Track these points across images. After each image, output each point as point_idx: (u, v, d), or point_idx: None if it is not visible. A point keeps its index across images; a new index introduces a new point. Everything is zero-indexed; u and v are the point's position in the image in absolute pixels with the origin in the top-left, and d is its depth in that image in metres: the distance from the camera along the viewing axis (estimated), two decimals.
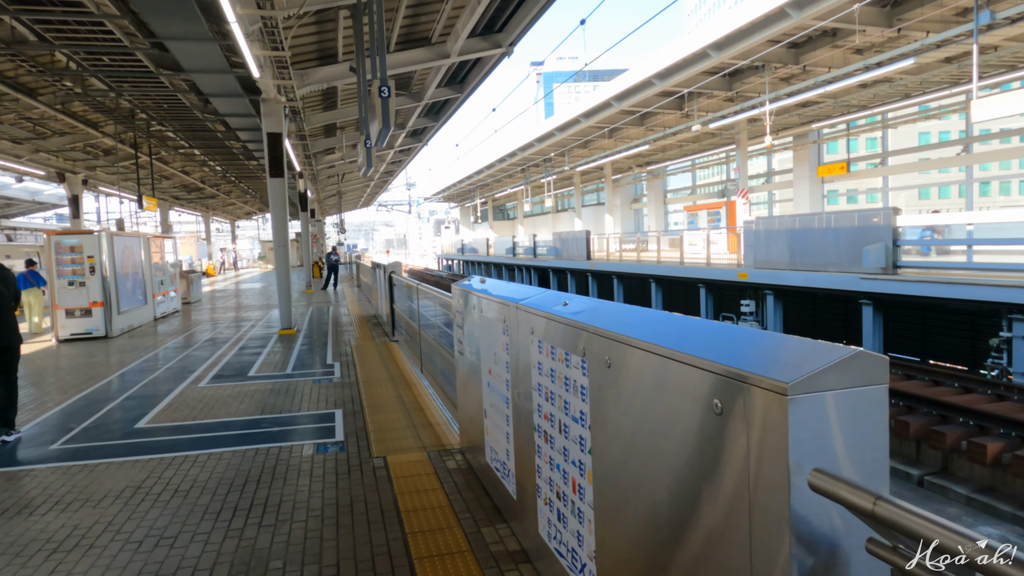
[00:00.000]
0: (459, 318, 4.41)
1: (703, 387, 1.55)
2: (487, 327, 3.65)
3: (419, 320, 7.02)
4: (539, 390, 2.74)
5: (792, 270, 14.27)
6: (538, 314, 2.71)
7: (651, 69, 17.72)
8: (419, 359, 7.20)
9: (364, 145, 8.06)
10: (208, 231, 43.61)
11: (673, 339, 1.77)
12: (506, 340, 3.25)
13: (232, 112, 12.00)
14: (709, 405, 1.51)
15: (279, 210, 11.39)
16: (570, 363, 2.36)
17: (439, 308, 5.91)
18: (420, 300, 6.99)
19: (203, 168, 22.72)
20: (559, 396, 2.50)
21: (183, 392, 6.95)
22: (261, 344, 10.36)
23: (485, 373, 3.75)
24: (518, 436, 3.12)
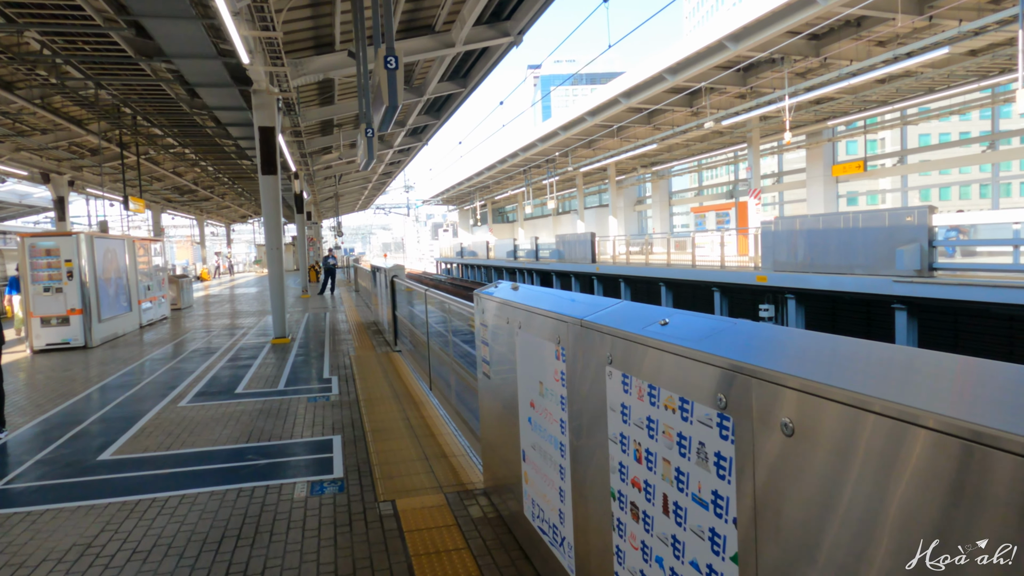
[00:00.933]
0: (484, 333, 3.61)
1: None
2: (529, 349, 2.84)
3: (428, 331, 6.21)
4: (622, 443, 1.94)
5: (815, 273, 13.51)
6: (622, 337, 1.91)
7: (663, 63, 16.96)
8: (427, 374, 6.39)
9: (365, 135, 7.25)
10: (202, 234, 42.74)
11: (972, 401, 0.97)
12: (560, 367, 2.44)
13: (221, 105, 11.19)
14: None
15: (272, 210, 10.58)
16: (691, 415, 1.56)
17: (454, 319, 5.11)
18: (429, 309, 6.17)
19: (195, 169, 21.91)
20: (664, 460, 1.70)
21: (160, 413, 6.12)
22: (252, 355, 9.54)
23: (525, 405, 2.95)
24: (581, 498, 2.32)
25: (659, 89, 18.28)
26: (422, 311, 6.71)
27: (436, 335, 6.06)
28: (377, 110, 6.10)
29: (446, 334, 5.67)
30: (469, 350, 4.50)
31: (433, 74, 14.06)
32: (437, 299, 5.53)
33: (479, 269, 45.04)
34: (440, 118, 18.52)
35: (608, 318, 2.10)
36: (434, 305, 5.82)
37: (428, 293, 6.06)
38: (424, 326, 6.49)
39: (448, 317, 5.13)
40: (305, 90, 13.70)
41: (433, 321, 6.21)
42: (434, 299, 5.69)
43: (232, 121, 12.33)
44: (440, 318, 5.84)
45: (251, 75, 9.48)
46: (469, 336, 4.35)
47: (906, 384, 1.08)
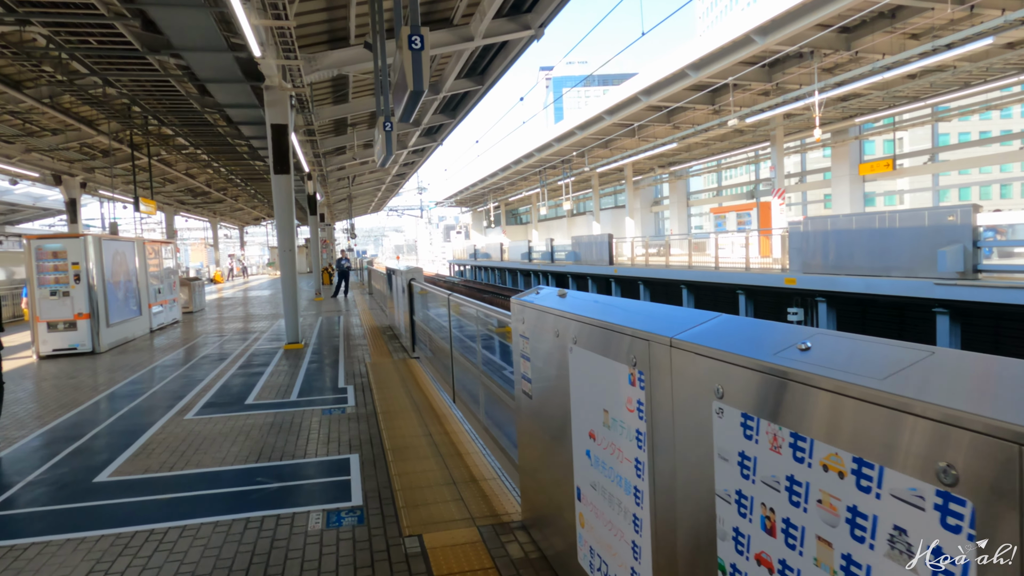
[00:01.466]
0: (524, 347, 3.16)
1: None
2: (588, 369, 2.38)
3: (451, 340, 5.76)
4: (739, 504, 1.48)
5: (848, 275, 12.94)
6: (741, 365, 1.45)
7: (685, 59, 16.45)
8: (451, 386, 5.94)
9: (383, 129, 6.82)
10: (216, 237, 42.65)
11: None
12: (637, 396, 1.98)
13: (233, 102, 10.83)
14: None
15: (285, 211, 10.19)
16: (878, 485, 1.09)
17: (484, 327, 4.66)
18: (454, 316, 5.72)
19: (207, 170, 21.65)
20: (819, 539, 1.23)
21: (165, 427, 5.72)
22: (264, 361, 9.14)
23: (581, 435, 2.49)
24: (667, 562, 1.85)
25: (680, 86, 17.76)
26: (444, 317, 6.26)
27: (461, 344, 5.61)
28: (399, 98, 5.65)
29: (473, 344, 5.22)
30: (502, 364, 4.05)
31: (450, 71, 13.64)
32: (464, 306, 5.08)
33: (493, 271, 44.62)
34: (456, 117, 18.11)
35: (711, 337, 1.63)
36: (460, 312, 5.37)
37: (452, 298, 5.61)
38: (447, 334, 6.04)
39: (476, 325, 4.68)
40: (319, 87, 13.33)
41: (457, 329, 5.77)
42: (460, 306, 5.24)
43: (244, 119, 11.98)
44: (465, 325, 5.39)
45: (263, 70, 9.09)
46: (503, 348, 3.90)
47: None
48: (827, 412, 1.20)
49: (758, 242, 20.89)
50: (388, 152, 7.03)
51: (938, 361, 1.11)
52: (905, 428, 1.03)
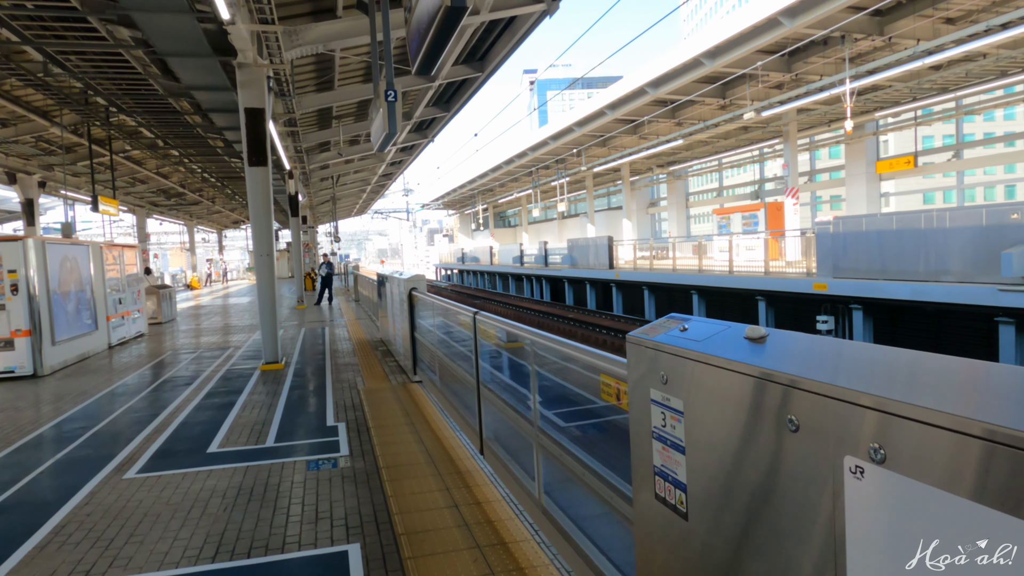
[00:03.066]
0: (664, 423, 1.80)
1: None
2: (920, 518, 1.01)
3: (478, 371, 4.37)
4: None
5: (888, 280, 11.74)
6: None
7: (699, 47, 15.22)
8: (476, 432, 4.54)
9: (385, 100, 5.39)
10: (192, 241, 40.80)
11: None
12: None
13: (200, 83, 9.35)
14: None
15: (261, 209, 8.74)
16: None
17: (537, 361, 3.27)
18: (482, 339, 4.33)
19: (180, 168, 20.04)
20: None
21: (95, 494, 4.27)
22: (236, 387, 7.68)
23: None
24: None
25: (692, 77, 16.55)
26: (465, 341, 4.87)
27: (493, 378, 4.23)
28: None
29: (520, 389, 3.86)
30: (584, 425, 2.70)
31: (449, 53, 12.26)
32: (501, 330, 3.69)
33: (482, 275, 43.25)
34: (450, 110, 16.72)
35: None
36: (494, 340, 3.98)
37: (481, 320, 4.23)
38: (467, 362, 4.66)
39: (531, 363, 3.28)
40: (301, 71, 11.88)
41: (489, 358, 4.38)
42: (498, 330, 3.85)
43: (215, 106, 10.49)
44: (503, 356, 4.02)
45: (234, 41, 7.65)
46: (586, 405, 2.56)
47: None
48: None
49: (767, 245, 19.72)
50: (391, 129, 5.59)
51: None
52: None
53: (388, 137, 5.81)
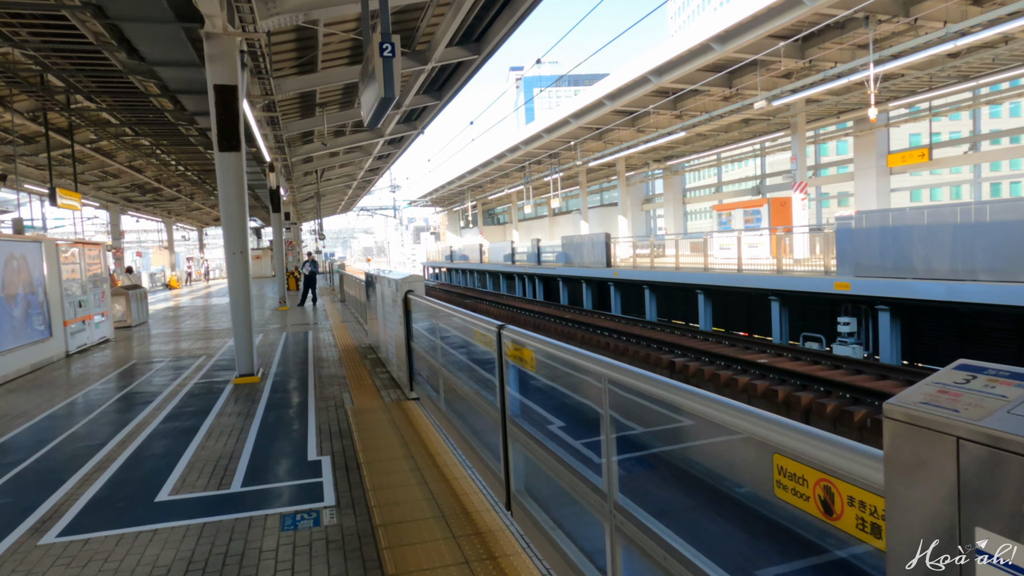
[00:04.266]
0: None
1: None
2: None
3: (504, 404, 3.35)
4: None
5: (920, 279, 10.87)
6: None
7: (709, 31, 14.27)
8: (503, 485, 3.51)
9: (380, 54, 4.34)
10: (171, 239, 39.34)
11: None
12: None
13: (165, 58, 8.23)
14: None
15: (234, 200, 7.66)
16: None
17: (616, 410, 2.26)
18: (516, 364, 3.30)
19: (152, 160, 18.79)
20: None
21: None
22: (203, 406, 6.60)
23: None
24: None
25: (699, 64, 15.60)
26: (485, 361, 3.86)
27: (531, 415, 3.22)
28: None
29: (554, 420, 2.85)
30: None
31: (442, 33, 11.23)
32: (571, 361, 2.66)
33: (471, 274, 42.18)
34: (443, 97, 15.66)
35: None
36: (525, 360, 2.95)
37: (508, 335, 3.21)
38: (492, 390, 3.64)
39: (610, 409, 2.26)
40: (280, 51, 10.77)
41: (517, 385, 3.36)
42: (553, 359, 2.81)
43: (183, 86, 9.35)
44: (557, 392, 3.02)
45: (200, 5, 6.55)
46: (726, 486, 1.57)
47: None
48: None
49: (770, 242, 18.89)
50: (388, 92, 4.51)
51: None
52: None
53: (384, 104, 4.74)
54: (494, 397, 3.52)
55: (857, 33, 13.69)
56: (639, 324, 17.88)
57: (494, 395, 3.54)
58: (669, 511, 1.99)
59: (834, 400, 9.17)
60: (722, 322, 17.29)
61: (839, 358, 11.54)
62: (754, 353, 12.80)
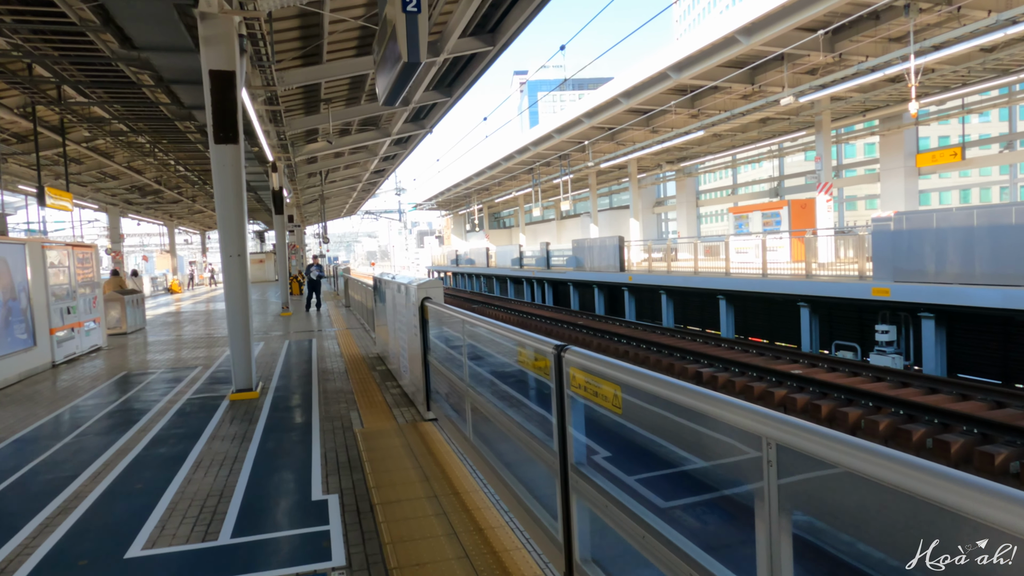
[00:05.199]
0: None
1: None
2: None
3: (567, 452, 2.60)
4: None
5: (971, 284, 10.10)
6: None
7: (735, 23, 13.54)
8: (562, 550, 2.75)
9: (403, 10, 3.64)
10: (172, 242, 38.72)
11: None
12: None
13: (156, 43, 7.53)
14: None
15: (231, 197, 6.95)
16: None
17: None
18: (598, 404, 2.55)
19: (151, 161, 18.11)
20: None
21: None
22: (193, 429, 5.87)
23: None
24: None
25: (722, 59, 14.87)
26: (512, 373, 3.13)
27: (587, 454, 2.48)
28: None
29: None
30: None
31: (454, 25, 10.54)
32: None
33: (478, 278, 41.44)
34: (452, 94, 14.95)
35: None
36: (604, 398, 2.21)
37: (572, 359, 2.47)
38: (545, 429, 2.90)
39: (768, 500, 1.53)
40: (283, 40, 10.07)
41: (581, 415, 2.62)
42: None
43: (178, 75, 8.64)
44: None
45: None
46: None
47: None
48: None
49: (790, 246, 18.13)
50: (414, 56, 3.70)
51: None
52: None
53: (407, 72, 3.95)
54: (548, 437, 2.78)
55: (892, 24, 12.95)
56: (657, 331, 17.12)
57: (548, 433, 2.80)
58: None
59: (885, 416, 8.39)
60: (742, 329, 16.53)
61: (879, 369, 10.77)
62: (785, 363, 12.03)
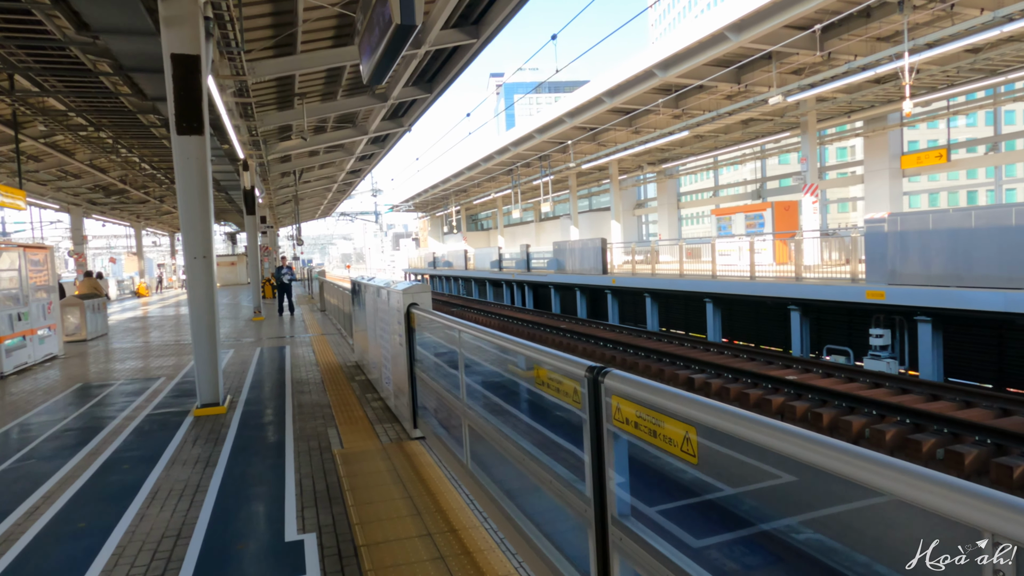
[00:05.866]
0: None
1: None
2: None
3: (603, 499, 2.08)
4: None
5: (968, 287, 9.83)
6: None
7: (724, 19, 13.21)
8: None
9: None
10: (139, 244, 37.44)
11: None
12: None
13: (114, 24, 6.85)
14: None
15: (195, 192, 6.33)
16: None
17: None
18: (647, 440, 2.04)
19: (114, 158, 17.23)
20: None
21: None
22: (150, 452, 5.24)
23: None
24: None
25: (706, 58, 14.55)
26: (561, 416, 2.62)
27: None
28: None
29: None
30: None
31: (436, 16, 9.98)
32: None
33: (456, 281, 40.82)
34: (433, 89, 14.39)
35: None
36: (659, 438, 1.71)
37: (614, 385, 1.96)
38: (584, 472, 2.39)
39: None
40: (254, 26, 9.43)
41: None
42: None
43: (139, 62, 7.96)
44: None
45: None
46: None
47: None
48: None
49: (773, 248, 17.92)
50: (408, 17, 3.11)
51: None
52: None
53: (400, 36, 3.35)
54: (580, 481, 2.27)
55: (884, 22, 12.73)
56: (644, 335, 16.73)
57: (578, 475, 2.29)
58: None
59: (892, 425, 8.03)
60: (728, 332, 16.21)
61: (875, 374, 10.48)
62: (779, 368, 11.69)
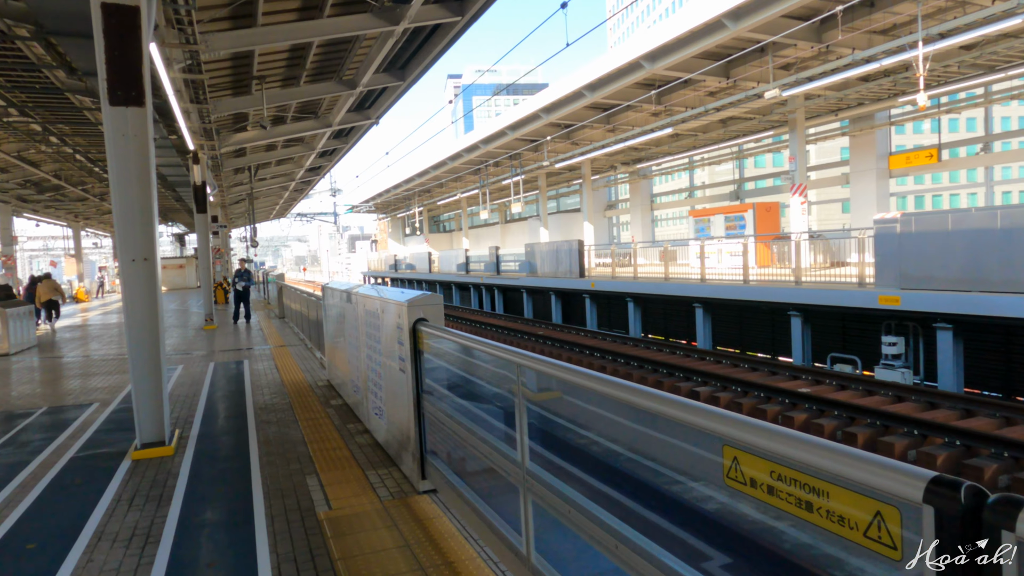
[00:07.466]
0: None
1: None
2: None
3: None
4: None
5: (996, 292, 9.16)
6: None
7: (721, 7, 12.37)
8: None
9: None
10: (78, 245, 34.92)
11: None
12: None
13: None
14: None
15: (133, 178, 5.02)
16: None
17: None
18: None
19: (44, 149, 15.42)
20: None
21: None
22: (67, 520, 3.94)
23: None
24: None
25: (696, 50, 13.74)
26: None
27: None
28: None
29: None
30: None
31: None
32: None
33: (420, 285, 39.37)
34: (406, 77, 13.16)
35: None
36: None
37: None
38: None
39: None
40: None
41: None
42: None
43: (62, 23, 6.53)
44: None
45: None
46: None
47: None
48: None
49: (756, 251, 17.27)
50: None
51: None
52: None
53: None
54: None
55: (888, 12, 12.09)
56: (628, 342, 15.82)
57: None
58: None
59: (943, 449, 7.21)
60: (722, 340, 15.43)
61: (890, 385, 9.74)
62: (786, 379, 10.87)
